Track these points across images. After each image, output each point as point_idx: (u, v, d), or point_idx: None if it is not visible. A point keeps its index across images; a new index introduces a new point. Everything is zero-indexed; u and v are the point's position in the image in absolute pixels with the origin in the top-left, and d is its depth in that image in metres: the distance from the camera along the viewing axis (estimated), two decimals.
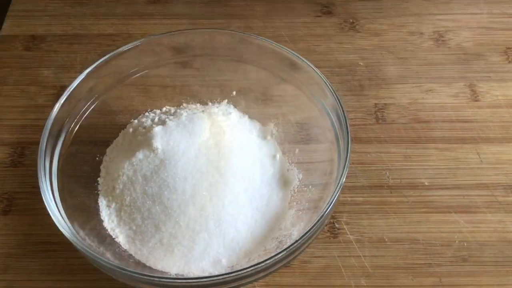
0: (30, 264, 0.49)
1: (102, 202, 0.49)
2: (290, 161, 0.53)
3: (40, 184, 0.45)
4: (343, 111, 0.48)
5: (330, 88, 0.49)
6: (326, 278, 0.48)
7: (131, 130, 0.52)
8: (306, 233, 0.42)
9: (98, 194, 0.50)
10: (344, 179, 0.44)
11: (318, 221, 0.42)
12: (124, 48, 0.52)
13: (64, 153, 0.49)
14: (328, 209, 0.42)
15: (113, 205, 0.49)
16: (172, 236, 0.46)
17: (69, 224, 0.43)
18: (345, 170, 0.44)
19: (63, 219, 0.44)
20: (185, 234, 0.46)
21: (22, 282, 0.48)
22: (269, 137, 0.54)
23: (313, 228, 0.41)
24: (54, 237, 0.49)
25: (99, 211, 0.49)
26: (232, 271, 0.40)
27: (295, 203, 0.50)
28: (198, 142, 0.49)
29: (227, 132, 0.51)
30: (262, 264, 0.40)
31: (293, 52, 0.52)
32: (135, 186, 0.48)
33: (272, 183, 0.51)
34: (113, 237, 0.48)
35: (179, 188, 0.47)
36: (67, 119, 0.50)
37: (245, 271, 0.40)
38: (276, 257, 0.40)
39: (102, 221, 0.48)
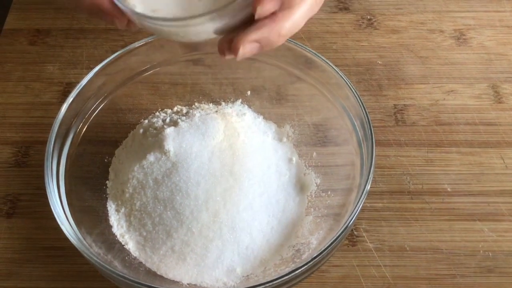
0: (35, 270, 0.47)
1: (111, 207, 0.47)
2: (307, 165, 0.51)
3: (47, 187, 0.43)
4: (365, 112, 0.45)
5: (350, 87, 0.47)
6: None
7: (141, 130, 0.50)
8: (331, 244, 0.39)
9: (106, 198, 0.48)
10: (369, 186, 0.42)
11: (343, 230, 0.40)
12: (135, 45, 0.50)
13: (71, 154, 0.47)
14: (354, 218, 0.40)
15: (123, 209, 0.47)
16: (184, 243, 0.44)
17: (76, 230, 0.41)
18: (370, 175, 0.42)
19: (70, 224, 0.42)
20: (198, 242, 0.44)
21: None
22: (284, 139, 0.52)
23: (338, 238, 0.39)
24: (60, 242, 0.47)
25: (107, 216, 0.47)
26: (250, 286, 0.38)
27: (312, 209, 0.48)
28: (212, 144, 0.47)
29: (242, 134, 0.49)
30: (284, 278, 0.38)
31: (309, 49, 0.50)
32: (146, 190, 0.46)
33: (288, 188, 0.49)
34: (123, 243, 0.46)
35: (192, 193, 0.45)
36: (75, 119, 0.48)
37: (263, 286, 0.38)
38: (298, 271, 0.38)
39: (111, 226, 0.46)
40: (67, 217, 0.43)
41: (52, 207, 0.42)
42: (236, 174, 0.46)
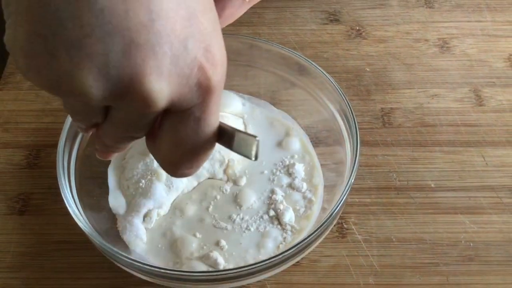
0: (45, 263, 0.50)
1: None
2: None
3: (60, 183, 0.45)
4: (352, 114, 0.49)
5: (340, 92, 0.50)
6: (336, 277, 0.49)
7: None
8: (314, 232, 0.43)
9: None
10: (352, 181, 0.45)
11: (326, 221, 0.43)
12: None
13: (80, 155, 0.50)
14: (336, 209, 0.44)
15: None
16: None
17: (88, 223, 0.44)
18: (353, 172, 0.45)
19: (83, 217, 0.45)
20: None
21: (37, 280, 0.49)
22: None
23: (321, 228, 0.42)
24: (69, 236, 0.50)
25: None
26: (238, 267, 0.41)
27: None
28: None
29: None
30: (269, 260, 0.41)
31: (302, 56, 0.53)
32: None
33: None
34: None
35: None
36: None
37: (251, 267, 0.41)
38: (286, 253, 0.41)
39: (116, 219, 0.50)
40: (79, 211, 0.46)
41: (66, 202, 0.45)
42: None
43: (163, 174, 0.49)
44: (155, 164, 0.49)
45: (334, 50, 0.65)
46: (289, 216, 0.48)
